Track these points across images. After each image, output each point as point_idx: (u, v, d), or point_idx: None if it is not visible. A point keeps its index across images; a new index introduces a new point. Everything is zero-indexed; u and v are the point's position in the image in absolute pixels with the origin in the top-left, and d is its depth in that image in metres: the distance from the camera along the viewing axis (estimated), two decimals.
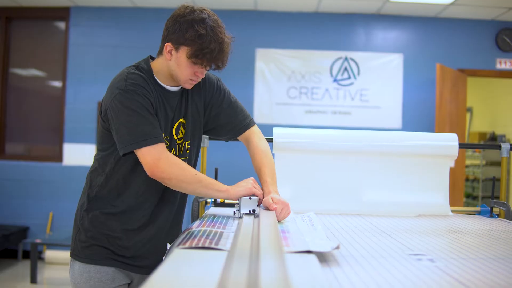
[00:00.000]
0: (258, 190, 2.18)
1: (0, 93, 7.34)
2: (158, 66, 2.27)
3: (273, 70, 7.19)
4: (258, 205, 2.16)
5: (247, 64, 7.16)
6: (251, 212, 2.11)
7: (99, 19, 7.28)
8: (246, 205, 2.13)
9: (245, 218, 2.02)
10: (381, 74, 7.20)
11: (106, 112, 2.16)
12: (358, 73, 7.18)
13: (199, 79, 2.27)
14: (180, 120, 2.35)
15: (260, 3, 6.91)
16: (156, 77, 2.26)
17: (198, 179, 2.14)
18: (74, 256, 2.30)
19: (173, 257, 1.43)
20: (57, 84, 7.50)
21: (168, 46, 2.17)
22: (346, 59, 7.19)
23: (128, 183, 2.27)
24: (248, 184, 2.19)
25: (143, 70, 2.23)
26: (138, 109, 2.08)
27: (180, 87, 2.32)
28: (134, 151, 2.08)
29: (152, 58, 2.34)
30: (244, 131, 2.53)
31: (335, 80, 7.19)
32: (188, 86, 2.27)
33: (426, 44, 7.23)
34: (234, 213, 2.22)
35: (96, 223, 2.27)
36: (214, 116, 2.48)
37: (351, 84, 7.19)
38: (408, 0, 6.58)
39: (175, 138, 2.33)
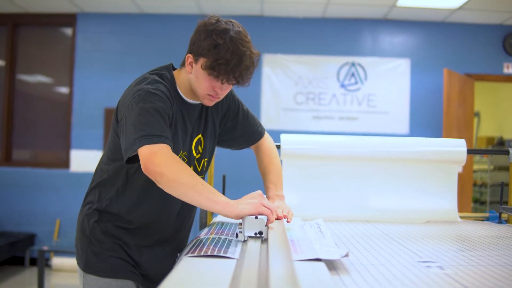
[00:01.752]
0: (266, 209, 1.81)
1: (7, 99, 7.37)
2: (180, 78, 2.15)
3: (280, 76, 7.19)
4: (267, 225, 1.81)
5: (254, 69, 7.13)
6: (258, 235, 1.77)
7: (106, 25, 7.30)
8: (252, 226, 1.77)
9: (251, 242, 1.72)
10: (388, 79, 7.19)
11: (122, 117, 2.00)
12: (365, 78, 7.18)
13: (220, 97, 2.12)
14: (199, 136, 2.24)
15: (266, 9, 6.92)
16: (178, 89, 2.14)
17: (192, 182, 1.82)
18: (88, 269, 2.13)
19: (182, 265, 1.43)
20: (64, 90, 7.52)
21: (189, 57, 2.06)
22: (353, 64, 7.19)
23: (142, 200, 2.14)
24: (255, 200, 1.84)
25: (167, 80, 2.11)
26: (153, 111, 1.91)
27: (199, 102, 2.20)
28: (137, 151, 1.84)
29: (174, 68, 2.22)
30: (259, 140, 2.48)
31: (342, 86, 7.19)
32: (208, 102, 2.13)
33: (433, 49, 7.22)
34: (237, 235, 1.83)
35: (109, 234, 2.15)
36: (229, 128, 2.39)
37: (358, 89, 7.18)
38: (415, 5, 6.57)
39: (194, 155, 2.23)
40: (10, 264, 6.97)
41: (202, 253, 1.55)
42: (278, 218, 2.07)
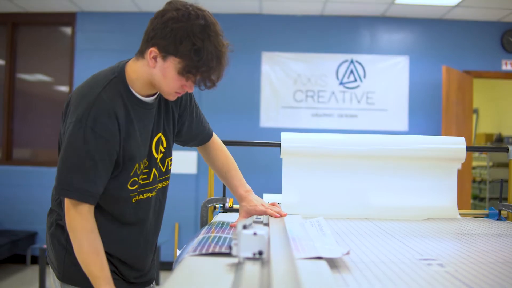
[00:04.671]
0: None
1: (7, 98, 7.37)
2: (136, 72, 1.96)
3: (279, 74, 7.19)
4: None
5: (253, 67, 7.15)
6: (257, 256, 1.40)
7: (105, 24, 7.30)
8: (249, 245, 1.40)
9: (248, 266, 1.37)
10: (387, 76, 7.19)
11: (63, 143, 1.96)
12: (364, 76, 7.18)
13: (186, 92, 1.99)
14: (159, 135, 2.08)
15: (265, 7, 6.92)
16: (131, 88, 1.95)
17: (90, 253, 1.82)
18: (67, 280, 1.99)
19: (184, 264, 1.44)
20: (64, 88, 7.52)
21: (153, 51, 1.86)
22: (352, 61, 7.19)
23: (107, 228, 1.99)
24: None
25: (115, 89, 1.95)
26: (92, 154, 1.82)
27: (155, 97, 2.02)
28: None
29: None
30: (210, 138, 2.38)
31: (341, 83, 7.19)
32: (172, 98, 1.97)
33: (432, 46, 7.22)
34: (230, 247, 1.48)
35: None
36: (187, 127, 2.25)
37: (357, 87, 7.18)
38: (413, 2, 6.57)
39: (155, 156, 2.06)
40: (11, 263, 6.97)
41: (203, 251, 1.56)
42: (280, 216, 2.09)
